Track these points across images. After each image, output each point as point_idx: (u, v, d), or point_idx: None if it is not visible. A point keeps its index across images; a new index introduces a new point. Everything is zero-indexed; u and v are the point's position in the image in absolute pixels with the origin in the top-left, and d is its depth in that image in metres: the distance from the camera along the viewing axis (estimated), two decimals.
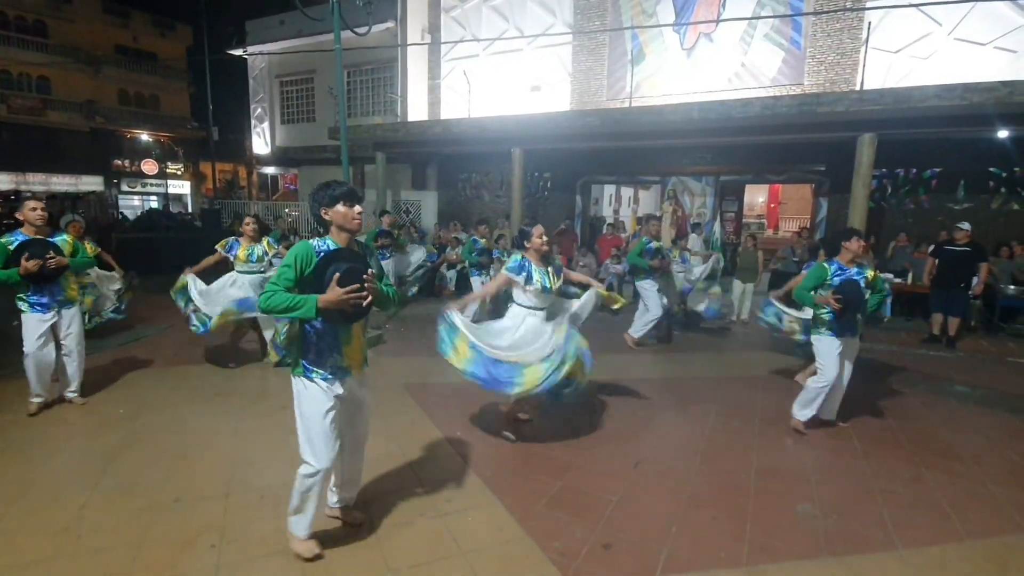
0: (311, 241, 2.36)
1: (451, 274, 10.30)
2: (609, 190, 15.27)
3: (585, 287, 4.11)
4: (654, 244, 6.34)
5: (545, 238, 3.75)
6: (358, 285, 2.22)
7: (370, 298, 2.26)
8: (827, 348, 3.93)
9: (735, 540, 2.75)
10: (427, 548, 2.62)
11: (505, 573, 2.48)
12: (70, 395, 4.34)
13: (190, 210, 26.12)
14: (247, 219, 5.38)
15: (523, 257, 3.71)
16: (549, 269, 3.74)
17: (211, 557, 2.51)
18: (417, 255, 8.76)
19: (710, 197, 12.10)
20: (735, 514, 2.99)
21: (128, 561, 2.46)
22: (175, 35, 28.94)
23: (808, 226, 10.55)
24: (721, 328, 7.80)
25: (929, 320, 7.27)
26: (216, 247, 5.31)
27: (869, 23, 9.84)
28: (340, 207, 2.34)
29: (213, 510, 2.88)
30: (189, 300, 5.15)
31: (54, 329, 4.13)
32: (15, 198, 21.48)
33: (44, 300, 4.02)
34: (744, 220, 13.48)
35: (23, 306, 3.99)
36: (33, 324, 4.00)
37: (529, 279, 3.64)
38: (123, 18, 26.97)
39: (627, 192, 16.04)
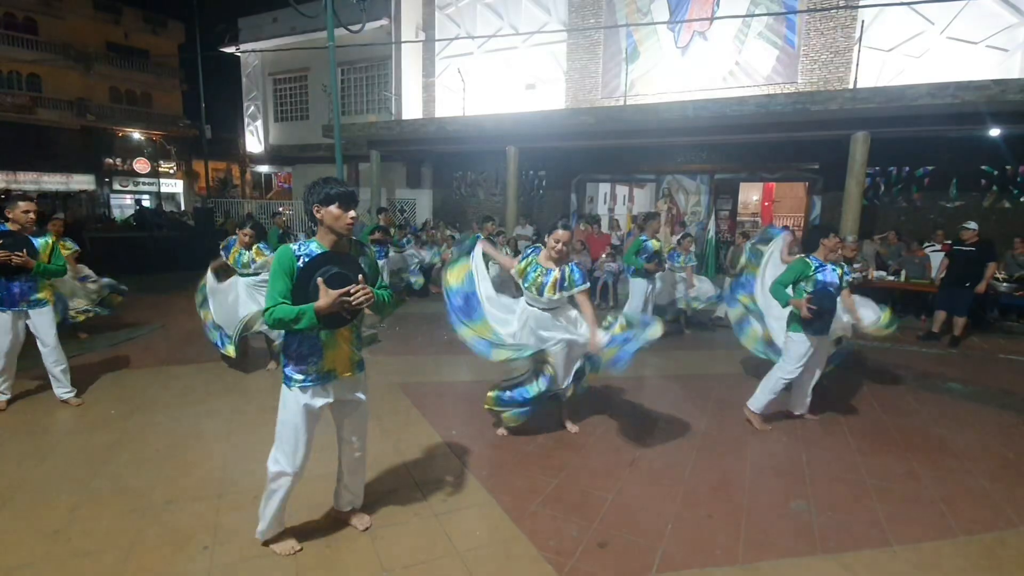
0: (291, 246, 2.27)
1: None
2: (604, 188, 15.27)
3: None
4: (652, 244, 6.26)
5: (561, 246, 3.53)
6: (348, 288, 2.16)
7: (363, 299, 2.19)
8: (797, 346, 4.01)
9: (730, 537, 2.75)
10: (422, 547, 2.60)
11: (501, 572, 2.47)
12: (64, 396, 4.27)
13: (183, 208, 25.94)
14: (245, 230, 5.21)
15: (533, 250, 3.67)
16: (554, 274, 3.55)
17: (204, 559, 2.48)
18: (416, 255, 8.88)
19: (705, 195, 12.12)
20: (730, 511, 2.99)
21: (120, 564, 2.43)
22: (167, 32, 28.70)
23: (798, 225, 10.59)
24: (715, 325, 7.82)
25: (924, 317, 7.31)
26: (221, 248, 5.23)
27: (862, 21, 9.88)
28: (334, 208, 2.24)
29: (206, 511, 2.86)
30: (205, 300, 5.08)
31: (28, 328, 4.10)
32: (5, 197, 21.26)
33: (9, 295, 3.96)
34: (738, 218, 13.49)
35: None
36: (3, 320, 3.96)
37: (526, 275, 3.60)
38: (114, 15, 26.71)
39: (622, 190, 16.04)
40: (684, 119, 9.29)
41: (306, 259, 2.23)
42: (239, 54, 19.09)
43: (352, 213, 2.29)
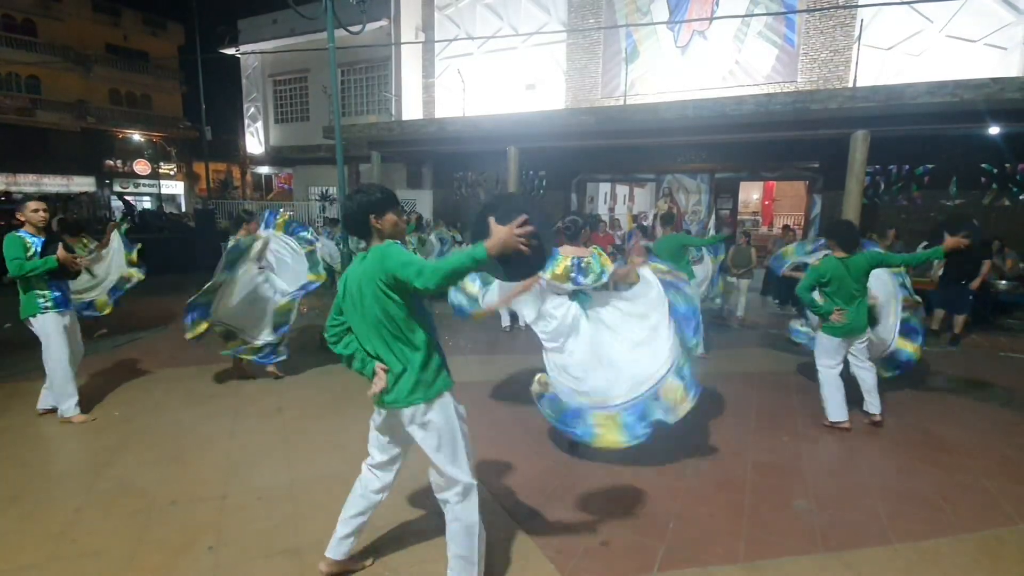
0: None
1: None
2: (604, 188, 15.28)
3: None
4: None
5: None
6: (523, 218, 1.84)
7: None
8: (827, 345, 4.05)
9: (732, 536, 2.77)
10: (424, 546, 2.62)
11: (503, 571, 2.48)
12: (47, 407, 4.16)
13: (183, 210, 25.96)
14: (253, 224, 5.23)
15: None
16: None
17: (208, 559, 2.50)
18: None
19: (705, 194, 12.14)
20: (732, 510, 3.01)
21: (124, 564, 2.45)
22: (167, 34, 28.76)
23: (799, 223, 10.59)
24: (717, 325, 7.83)
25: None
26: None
27: (862, 20, 9.88)
28: (391, 215, 2.11)
29: (210, 512, 2.87)
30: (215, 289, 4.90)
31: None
32: (5, 199, 21.28)
33: (63, 298, 3.98)
34: (739, 217, 13.51)
35: (46, 304, 3.87)
36: (54, 325, 3.90)
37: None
38: (114, 17, 26.77)
39: (622, 190, 16.05)
40: (684, 119, 9.30)
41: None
42: (239, 55, 19.11)
43: (404, 216, 2.26)
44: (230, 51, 19.02)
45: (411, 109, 14.92)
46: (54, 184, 23.86)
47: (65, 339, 3.94)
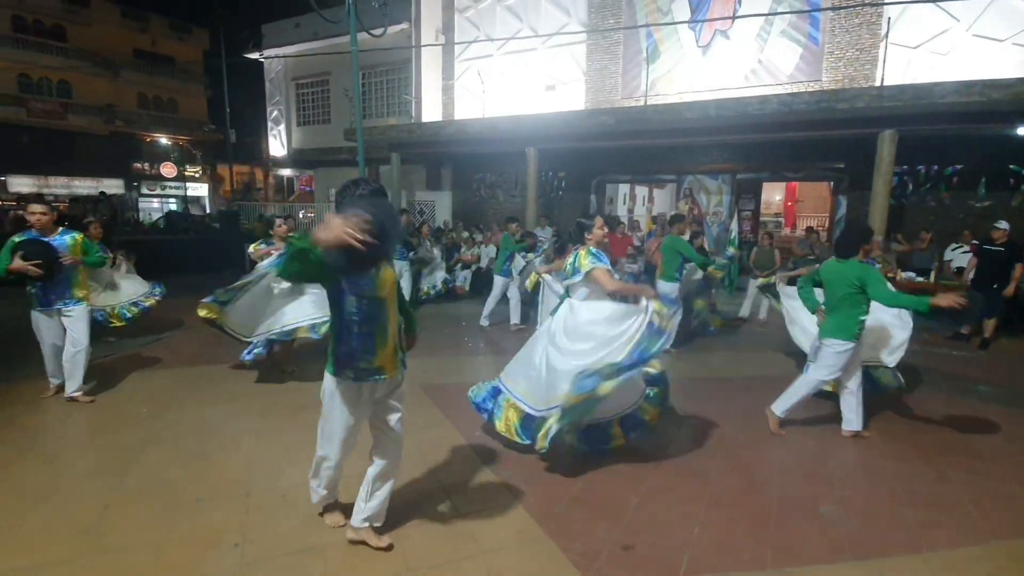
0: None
1: (465, 274, 10.32)
2: (623, 189, 15.18)
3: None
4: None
5: (606, 230, 3.62)
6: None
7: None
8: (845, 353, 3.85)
9: (758, 542, 2.72)
10: (447, 548, 2.62)
11: (525, 574, 2.47)
12: (73, 393, 4.31)
13: (208, 212, 26.47)
14: (278, 220, 5.35)
15: (596, 250, 3.56)
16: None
17: (233, 556, 2.53)
18: (439, 275, 8.97)
19: (726, 195, 11.97)
20: (757, 516, 2.95)
21: (151, 561, 2.49)
22: (192, 39, 29.36)
23: (822, 225, 10.40)
24: (738, 327, 7.73)
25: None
26: (250, 252, 5.24)
27: (888, 18, 9.68)
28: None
29: (235, 509, 2.91)
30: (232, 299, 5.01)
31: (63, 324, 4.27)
32: (16, 202, 21.94)
33: (46, 297, 4.17)
34: (761, 218, 13.31)
35: (32, 302, 4.19)
36: (35, 318, 4.22)
37: (614, 268, 3.57)
38: (141, 22, 27.43)
39: (642, 191, 15.93)
40: (706, 119, 9.20)
41: None
42: (262, 59, 19.43)
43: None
44: (254, 55, 19.36)
45: (431, 111, 15.01)
46: (84, 186, 24.51)
47: (48, 336, 4.23)
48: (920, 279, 8.00)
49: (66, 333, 4.25)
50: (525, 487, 3.20)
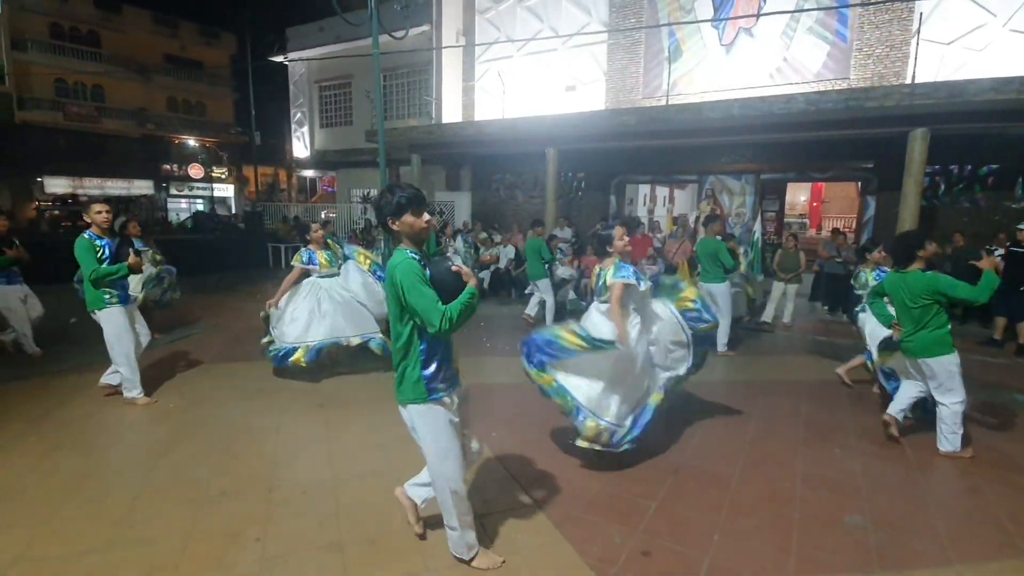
0: (412, 256, 2.17)
1: (484, 275, 10.34)
2: (644, 190, 15.05)
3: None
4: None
5: (627, 239, 3.60)
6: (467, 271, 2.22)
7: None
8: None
9: (781, 551, 2.66)
10: None
11: None
12: (125, 391, 4.48)
13: (234, 212, 27.02)
14: (314, 225, 5.43)
15: (620, 261, 3.52)
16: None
17: (255, 550, 2.57)
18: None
19: (750, 196, 11.77)
20: (780, 524, 2.90)
21: (178, 552, 2.55)
22: (220, 44, 30.00)
23: (849, 227, 10.14)
24: (762, 332, 7.59)
25: (989, 325, 6.92)
26: (293, 263, 5.27)
27: (920, 14, 9.41)
28: (407, 216, 2.17)
29: (257, 504, 2.96)
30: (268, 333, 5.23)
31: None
32: (72, 202, 22.68)
33: (124, 294, 4.37)
34: (785, 219, 13.06)
35: (111, 300, 4.23)
36: (115, 317, 4.27)
37: (639, 280, 3.48)
38: (172, 28, 28.13)
39: (662, 191, 15.78)
40: (729, 118, 9.06)
41: (421, 261, 2.17)
42: (287, 63, 19.77)
43: (426, 216, 2.22)
44: (279, 58, 19.70)
45: (451, 112, 15.08)
46: (116, 187, 25.25)
47: (129, 329, 4.33)
48: None
49: (137, 326, 4.49)
50: (543, 490, 3.19)
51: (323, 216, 17.38)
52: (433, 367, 2.25)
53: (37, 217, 21.64)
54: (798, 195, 18.43)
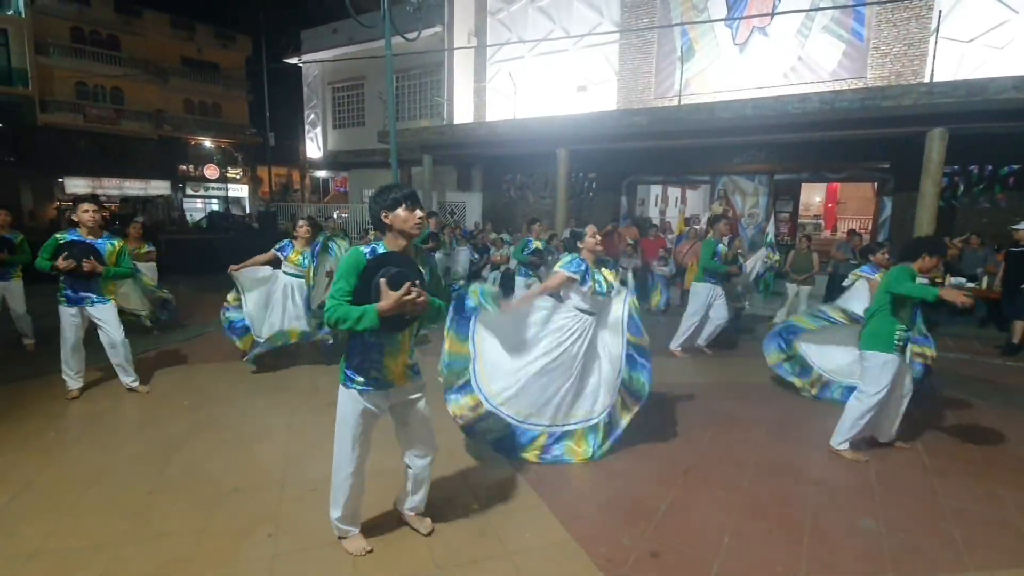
0: (363, 248, 2.30)
1: (494, 275, 10.34)
2: (655, 190, 14.98)
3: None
4: (723, 247, 6.08)
5: (599, 238, 3.68)
6: (408, 287, 2.13)
7: (422, 300, 2.18)
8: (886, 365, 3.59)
9: (792, 554, 2.64)
10: (473, 547, 2.63)
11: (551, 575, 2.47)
12: (131, 385, 4.58)
13: (248, 212, 27.31)
14: (300, 222, 5.56)
15: (579, 257, 3.63)
16: (604, 271, 3.66)
17: (268, 546, 2.60)
18: (463, 256, 8.91)
19: (763, 196, 11.65)
20: (792, 527, 2.87)
21: (191, 547, 2.59)
22: (236, 46, 30.36)
23: (865, 228, 9.99)
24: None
25: (1006, 328, 6.80)
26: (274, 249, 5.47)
27: (939, 11, 9.27)
28: (401, 211, 2.27)
29: (269, 501, 3.00)
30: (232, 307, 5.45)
31: (89, 322, 4.40)
32: (73, 202, 23.05)
33: (73, 295, 4.27)
34: (800, 220, 12.91)
35: (60, 297, 4.28)
36: (63, 315, 4.30)
37: (584, 279, 3.54)
38: (189, 31, 28.51)
39: (674, 192, 15.69)
40: (742, 118, 8.98)
41: (372, 257, 2.26)
42: (301, 64, 19.98)
43: (419, 212, 2.30)
44: (293, 60, 19.92)
45: (462, 113, 15.13)
46: (134, 188, 25.63)
47: (70, 330, 4.27)
48: (971, 284, 7.63)
49: (100, 333, 4.39)
50: (552, 490, 3.19)
51: (335, 216, 17.52)
52: (356, 361, 2.39)
53: (58, 216, 22.04)
54: (813, 196, 18.21)
